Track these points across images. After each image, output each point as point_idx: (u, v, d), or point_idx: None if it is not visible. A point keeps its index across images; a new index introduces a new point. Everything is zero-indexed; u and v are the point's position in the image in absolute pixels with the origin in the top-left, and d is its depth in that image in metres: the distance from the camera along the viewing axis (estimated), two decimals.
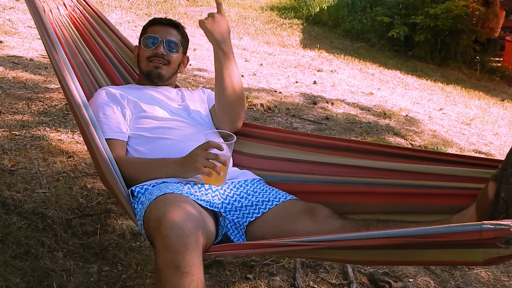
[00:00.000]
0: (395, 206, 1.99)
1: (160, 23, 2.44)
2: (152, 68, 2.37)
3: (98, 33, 2.69)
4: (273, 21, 9.41)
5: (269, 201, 2.02)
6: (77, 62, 2.51)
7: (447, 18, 8.80)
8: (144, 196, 1.87)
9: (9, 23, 5.94)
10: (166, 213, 1.58)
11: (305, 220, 1.91)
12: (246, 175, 2.17)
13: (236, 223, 1.96)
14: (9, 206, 2.57)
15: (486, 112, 6.45)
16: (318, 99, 5.41)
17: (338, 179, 2.12)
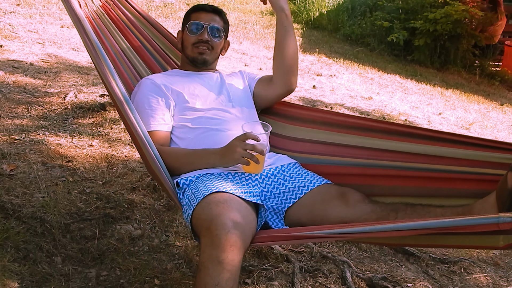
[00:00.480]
0: (422, 189, 2.08)
1: (203, 9, 2.51)
2: (197, 54, 2.45)
3: (132, 22, 2.75)
4: (273, 26, 9.41)
5: (305, 186, 2.14)
6: (115, 52, 2.55)
7: (447, 22, 8.81)
8: (190, 189, 2.01)
9: (9, 27, 5.94)
10: (218, 216, 1.74)
11: (338, 204, 2.03)
12: (282, 160, 2.30)
13: (275, 209, 2.11)
14: (8, 210, 2.57)
15: (485, 116, 6.45)
16: (317, 104, 5.41)
17: (368, 162, 2.20)
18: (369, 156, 2.20)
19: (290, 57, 2.44)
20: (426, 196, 2.05)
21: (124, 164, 3.26)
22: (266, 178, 2.16)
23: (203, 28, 2.43)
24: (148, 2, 8.66)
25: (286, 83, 2.47)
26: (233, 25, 8.72)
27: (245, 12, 9.78)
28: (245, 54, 7.18)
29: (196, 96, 2.35)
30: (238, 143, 1.98)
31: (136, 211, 2.81)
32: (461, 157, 1.98)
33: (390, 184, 2.14)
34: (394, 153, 2.15)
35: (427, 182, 2.06)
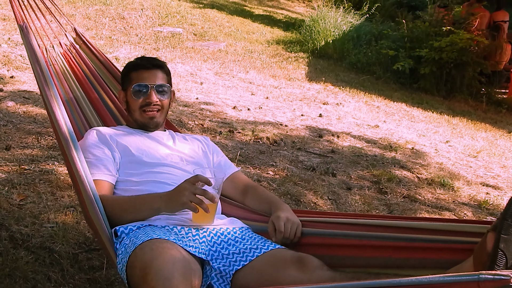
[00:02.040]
0: (388, 260, 1.92)
1: (144, 67, 2.35)
2: (148, 119, 2.32)
3: (92, 73, 2.69)
4: (279, 55, 9.51)
5: (258, 248, 1.96)
6: (68, 99, 2.51)
7: (452, 51, 8.87)
8: (128, 238, 1.84)
9: (20, 58, 6.04)
10: (152, 262, 1.57)
11: (293, 270, 1.84)
12: (234, 223, 2.13)
13: (222, 271, 1.89)
14: (17, 240, 2.59)
15: (493, 144, 6.45)
16: (324, 132, 5.44)
17: (328, 231, 2.07)
18: (329, 226, 2.07)
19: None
20: (392, 267, 1.89)
21: None
22: (215, 237, 1.97)
23: (149, 89, 2.28)
24: (156, 33, 8.77)
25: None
26: (239, 54, 8.82)
27: (252, 42, 9.88)
28: (251, 83, 7.25)
29: (143, 151, 2.23)
30: (187, 185, 1.79)
31: None
32: (433, 228, 1.88)
33: (353, 254, 1.98)
34: (357, 226, 2.03)
35: (395, 252, 1.91)
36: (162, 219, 1.98)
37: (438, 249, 1.85)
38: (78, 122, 2.51)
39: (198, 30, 9.58)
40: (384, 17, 12.18)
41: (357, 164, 4.62)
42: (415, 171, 4.69)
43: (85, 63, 2.71)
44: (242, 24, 11.02)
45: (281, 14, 13.18)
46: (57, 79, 2.52)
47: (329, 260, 1.93)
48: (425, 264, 1.84)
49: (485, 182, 4.76)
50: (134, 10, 9.66)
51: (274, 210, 2.16)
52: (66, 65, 2.64)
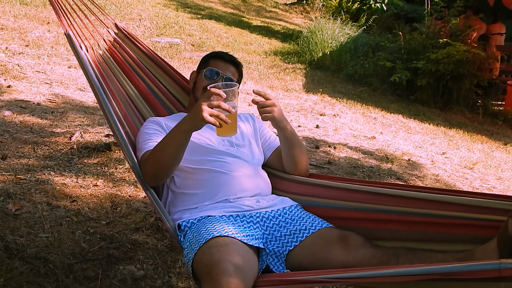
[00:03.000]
0: (423, 234, 2.06)
1: (222, 58, 2.55)
2: None
3: (138, 65, 2.76)
4: (276, 66, 9.53)
5: (306, 229, 2.12)
6: (120, 95, 2.56)
7: (449, 63, 8.90)
8: (191, 232, 2.02)
9: (18, 68, 6.05)
10: (219, 261, 1.74)
11: (339, 248, 2.01)
12: (283, 202, 2.29)
13: (276, 252, 2.08)
14: (12, 250, 2.59)
15: (489, 156, 6.46)
16: (320, 143, 5.44)
17: (370, 206, 2.19)
18: (371, 201, 2.19)
19: (301, 164, 2.41)
20: (427, 241, 2.04)
21: (128, 204, 3.28)
22: (268, 221, 2.16)
23: (219, 76, 2.46)
24: (154, 43, 8.79)
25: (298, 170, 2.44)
26: None
27: (249, 53, 9.91)
28: (249, 94, 7.25)
29: (198, 137, 2.34)
30: (203, 101, 1.92)
31: (139, 251, 2.82)
32: (463, 203, 1.97)
33: (392, 228, 2.13)
34: (396, 198, 2.14)
35: (429, 227, 2.05)
36: (218, 208, 2.16)
37: (467, 225, 1.97)
38: (132, 116, 2.56)
39: (196, 40, 9.60)
40: (381, 29, 12.26)
41: (354, 175, 4.62)
42: (411, 182, 4.69)
43: (130, 56, 2.77)
44: (240, 35, 11.05)
45: (279, 25, 13.22)
46: (106, 75, 2.55)
47: (372, 233, 2.13)
48: (456, 239, 1.99)
49: None
50: (132, 21, 9.69)
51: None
52: (113, 60, 2.69)
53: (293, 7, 16.00)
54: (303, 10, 15.60)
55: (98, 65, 2.53)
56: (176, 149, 2.06)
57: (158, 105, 2.72)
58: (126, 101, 2.58)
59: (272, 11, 15.20)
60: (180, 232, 2.11)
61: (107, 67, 2.62)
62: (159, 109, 2.71)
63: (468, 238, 1.96)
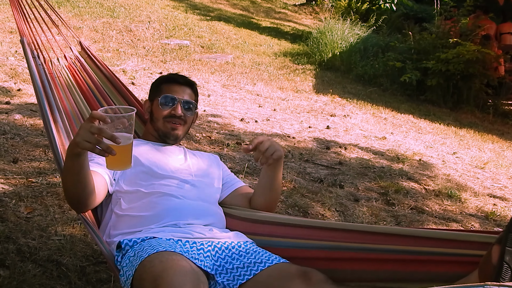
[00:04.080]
0: (394, 273, 1.91)
1: (176, 81, 2.42)
2: (170, 129, 2.36)
3: (97, 86, 2.71)
4: (286, 67, 9.53)
5: (261, 262, 1.96)
6: (72, 112, 2.51)
7: (459, 62, 8.87)
8: (133, 250, 1.85)
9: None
10: (163, 273, 1.59)
11: (298, 284, 1.83)
12: (238, 237, 2.15)
13: (226, 285, 1.90)
14: (25, 253, 2.60)
15: (500, 155, 6.43)
16: (331, 144, 5.43)
17: (334, 244, 2.04)
18: (335, 238, 2.05)
19: (278, 193, 2.36)
20: (398, 281, 1.89)
21: None
22: (220, 251, 2.00)
23: (177, 102, 2.34)
24: (163, 45, 8.82)
25: (267, 209, 2.34)
26: (247, 66, 8.84)
27: (259, 54, 9.91)
28: (259, 95, 7.26)
29: (154, 162, 2.25)
30: (84, 123, 1.67)
31: None
32: (439, 237, 1.85)
33: (359, 268, 1.97)
34: (363, 234, 2.00)
35: (400, 265, 1.90)
36: (166, 231, 1.99)
37: (444, 262, 1.84)
38: None
39: (205, 42, 9.62)
40: (391, 29, 12.20)
41: (365, 175, 4.61)
42: (422, 182, 4.67)
43: (90, 77, 2.72)
44: (249, 36, 11.06)
45: (288, 26, 13.22)
46: (62, 91, 2.53)
47: (334, 274, 1.93)
48: (431, 277, 1.84)
49: (492, 193, 4.73)
50: (141, 23, 9.72)
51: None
52: (71, 77, 2.65)
53: (302, 8, 15.99)
54: (312, 11, 15.59)
55: (55, 79, 2.50)
56: (71, 176, 1.87)
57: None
58: (78, 120, 2.51)
59: (281, 12, 15.20)
60: (119, 252, 1.93)
61: (64, 84, 2.58)
62: None
63: (444, 276, 1.82)
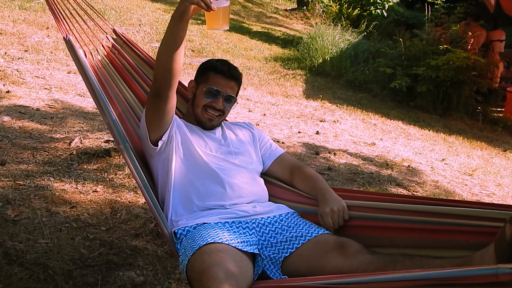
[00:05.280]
0: (420, 241, 2.04)
1: (223, 74, 2.44)
2: (207, 119, 2.42)
3: (136, 71, 2.75)
4: (276, 72, 9.54)
5: (302, 236, 2.11)
6: (119, 101, 2.55)
7: (449, 69, 8.91)
8: (186, 239, 2.01)
9: (17, 73, 6.05)
10: (210, 267, 1.74)
11: (336, 255, 2.00)
12: (280, 209, 2.29)
13: (272, 258, 2.07)
14: (11, 256, 2.58)
15: (488, 162, 6.46)
16: (320, 150, 5.44)
17: (368, 214, 2.20)
18: (369, 211, 2.21)
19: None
20: (424, 247, 2.03)
21: (127, 210, 3.28)
22: (263, 227, 2.16)
23: (219, 95, 2.39)
24: (153, 49, 8.79)
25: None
26: None
27: (249, 58, 9.92)
28: (249, 100, 7.26)
29: (195, 148, 2.32)
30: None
31: (139, 257, 2.81)
32: (460, 214, 1.98)
33: (389, 235, 2.12)
34: (394, 210, 2.14)
35: (426, 234, 2.04)
36: (214, 215, 2.15)
37: (465, 232, 1.96)
38: (131, 122, 2.54)
39: (196, 46, 9.62)
40: (381, 35, 12.26)
41: (354, 181, 4.62)
42: (411, 188, 4.69)
43: (129, 62, 2.76)
44: (240, 40, 11.07)
45: (279, 31, 13.24)
46: (105, 81, 2.55)
47: (369, 241, 2.10)
48: (454, 245, 1.98)
49: (480, 200, 4.76)
50: (131, 26, 9.70)
51: (320, 201, 2.28)
52: (111, 66, 2.69)
53: (293, 13, 16.02)
54: (303, 16, 15.62)
55: (97, 71, 2.53)
56: (173, 40, 2.04)
57: None
58: (125, 107, 2.56)
59: (272, 17, 15.22)
60: (177, 240, 2.10)
61: (106, 73, 2.61)
62: None
63: (465, 244, 1.95)
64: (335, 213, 2.20)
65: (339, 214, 2.20)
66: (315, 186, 2.37)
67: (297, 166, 2.53)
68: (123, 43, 2.83)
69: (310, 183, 2.40)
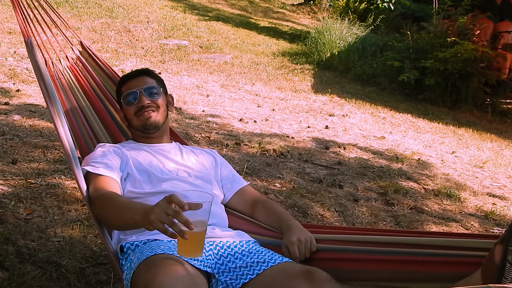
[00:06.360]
0: (396, 273, 1.93)
1: (130, 77, 2.42)
2: (145, 119, 2.33)
3: (99, 86, 2.71)
4: (284, 67, 9.53)
5: (264, 262, 1.96)
6: (75, 113, 2.52)
7: (457, 61, 8.87)
8: (134, 253, 1.85)
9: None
10: (155, 277, 1.58)
11: (302, 283, 1.83)
12: (241, 236, 2.15)
13: (229, 284, 1.89)
14: (24, 255, 2.59)
15: (499, 154, 6.43)
16: (330, 144, 5.43)
17: (337, 247, 2.09)
18: (339, 243, 2.10)
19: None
20: (401, 280, 1.91)
21: None
22: (222, 250, 2.00)
23: (138, 94, 2.33)
24: (161, 45, 8.81)
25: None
26: (245, 66, 8.84)
27: (257, 54, 9.91)
28: (258, 95, 7.26)
29: (151, 166, 2.25)
30: (161, 202, 1.62)
31: None
32: (441, 244, 1.89)
33: (361, 267, 2.00)
34: (366, 243, 2.04)
35: (403, 265, 1.92)
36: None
37: (446, 263, 1.85)
38: (85, 136, 2.51)
39: (204, 42, 9.62)
40: (389, 28, 12.20)
41: (364, 175, 4.61)
42: (421, 182, 4.67)
43: (92, 77, 2.72)
44: (248, 36, 11.06)
45: (287, 26, 13.22)
46: (63, 92, 2.53)
47: (338, 274, 1.92)
48: (433, 277, 1.86)
49: (491, 192, 4.74)
50: (140, 23, 9.71)
51: (285, 232, 2.17)
52: (73, 78, 2.65)
53: (300, 7, 15.99)
54: (310, 10, 15.58)
55: (55, 80, 2.50)
56: (122, 223, 1.89)
57: (114, 128, 2.62)
58: (81, 121, 2.53)
59: (279, 12, 15.19)
60: (122, 256, 1.95)
61: (66, 84, 2.58)
62: (115, 132, 2.62)
63: (446, 276, 1.83)
64: (302, 243, 2.08)
65: (306, 245, 2.08)
66: (279, 217, 2.26)
67: (261, 199, 2.42)
68: (89, 56, 2.78)
69: (274, 215, 2.29)
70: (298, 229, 2.16)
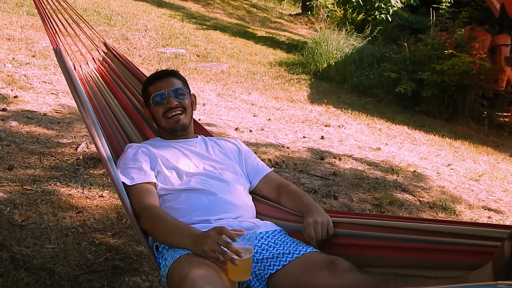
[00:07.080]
0: (415, 260, 2.00)
1: (157, 78, 2.50)
2: (173, 123, 2.43)
3: (126, 85, 2.77)
4: (281, 77, 9.55)
5: (290, 253, 2.06)
6: (107, 116, 2.57)
7: (454, 74, 8.89)
8: (168, 252, 1.96)
9: (24, 78, 6.08)
10: (188, 275, 1.69)
11: (325, 273, 1.93)
12: (267, 226, 2.25)
13: (257, 275, 2.02)
14: (18, 261, 2.59)
15: (495, 168, 6.44)
16: (325, 155, 5.44)
17: (359, 232, 2.15)
18: (360, 228, 2.15)
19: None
20: (418, 267, 1.97)
21: None
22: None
23: (166, 95, 2.42)
24: (159, 54, 8.83)
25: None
26: (242, 76, 8.86)
27: (254, 63, 9.94)
28: (254, 104, 7.28)
29: (179, 163, 2.34)
30: (212, 233, 1.82)
31: (144, 263, 2.82)
32: (457, 232, 1.94)
33: (381, 254, 2.06)
34: (386, 228, 2.10)
35: (420, 253, 1.99)
36: (198, 229, 2.05)
37: (461, 252, 1.92)
38: (117, 136, 2.58)
39: (201, 51, 9.64)
40: (386, 39, 12.27)
41: (359, 186, 4.62)
42: (416, 194, 4.68)
43: (118, 76, 2.79)
44: (245, 45, 11.09)
45: (284, 36, 13.26)
46: (93, 94, 2.58)
47: (359, 260, 2.03)
48: (448, 265, 1.93)
49: (487, 206, 4.74)
50: (137, 31, 9.74)
51: (305, 214, 2.25)
52: (100, 79, 2.71)
53: (298, 17, 16.05)
54: (307, 21, 15.64)
55: (85, 84, 2.55)
56: (170, 244, 2.01)
57: (144, 126, 2.71)
58: (112, 121, 2.58)
59: (277, 21, 15.25)
60: (158, 254, 2.07)
61: (95, 86, 2.63)
62: (145, 130, 2.70)
63: (461, 264, 1.90)
64: (318, 224, 2.15)
65: (323, 227, 2.15)
66: (301, 201, 2.34)
67: (284, 184, 2.50)
68: (114, 56, 2.85)
69: (296, 199, 2.37)
70: (316, 211, 2.24)
